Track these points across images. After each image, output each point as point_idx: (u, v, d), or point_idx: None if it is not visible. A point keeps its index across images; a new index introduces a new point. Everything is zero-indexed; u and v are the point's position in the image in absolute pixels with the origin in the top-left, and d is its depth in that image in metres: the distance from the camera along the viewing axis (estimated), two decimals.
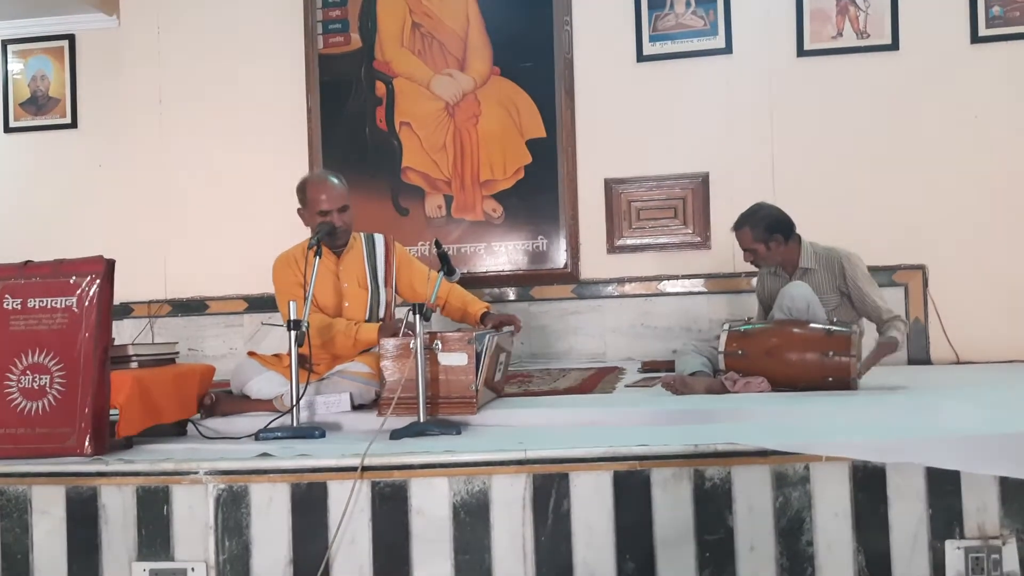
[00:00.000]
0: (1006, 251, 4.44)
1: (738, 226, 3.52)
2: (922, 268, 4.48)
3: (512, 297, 4.84)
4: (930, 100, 4.53)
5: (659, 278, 4.73)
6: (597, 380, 3.58)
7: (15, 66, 5.36)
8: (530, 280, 4.84)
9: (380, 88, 4.97)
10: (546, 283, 4.83)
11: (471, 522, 2.07)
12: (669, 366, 3.64)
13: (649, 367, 4.04)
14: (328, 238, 2.99)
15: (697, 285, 4.70)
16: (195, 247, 5.04)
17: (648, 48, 4.76)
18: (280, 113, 5.00)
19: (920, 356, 4.42)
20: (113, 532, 2.15)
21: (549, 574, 2.06)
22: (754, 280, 3.99)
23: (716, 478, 2.07)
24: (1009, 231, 4.45)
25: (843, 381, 2.94)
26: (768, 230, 3.44)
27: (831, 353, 2.94)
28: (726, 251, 4.59)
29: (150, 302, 5.07)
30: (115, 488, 2.15)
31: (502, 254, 4.89)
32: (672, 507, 2.06)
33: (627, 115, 4.76)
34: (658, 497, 2.06)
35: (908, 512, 2.06)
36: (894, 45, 4.56)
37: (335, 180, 3.07)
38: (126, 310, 5.02)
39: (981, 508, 2.06)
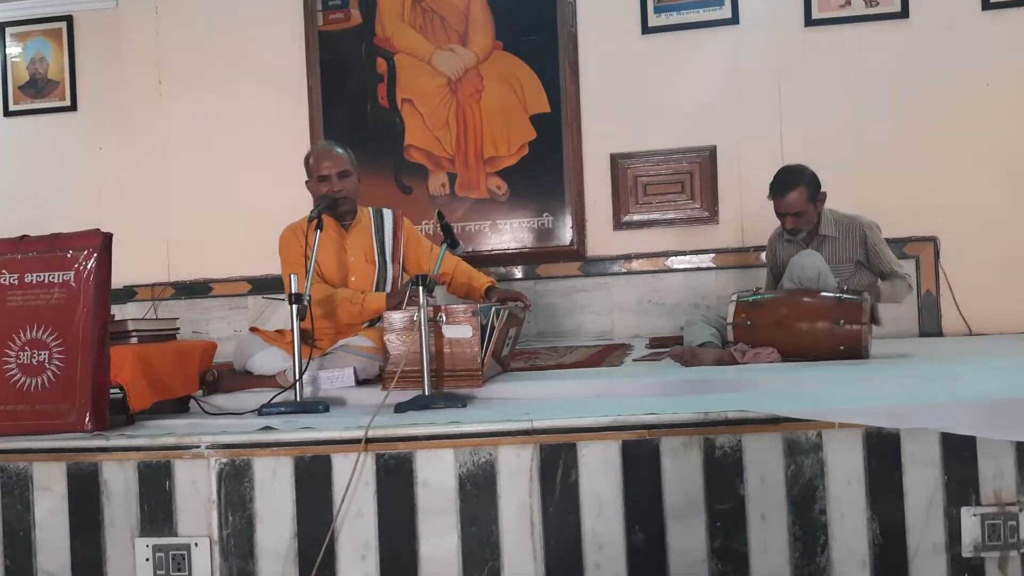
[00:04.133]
0: (1019, 222, 4.37)
1: (790, 186, 3.33)
2: (933, 240, 4.42)
3: (518, 275, 4.80)
4: (941, 68, 4.45)
5: (666, 254, 4.68)
6: (604, 355, 3.54)
7: (13, 49, 5.31)
8: (536, 258, 4.80)
9: (381, 65, 4.91)
10: (552, 261, 4.78)
11: (477, 494, 2.04)
12: (677, 342, 3.57)
13: (657, 343, 3.99)
14: (330, 209, 2.98)
15: (705, 260, 4.64)
16: (197, 229, 5.02)
17: (653, 20, 4.69)
18: (281, 92, 4.96)
19: (932, 328, 4.38)
20: (115, 508, 2.12)
21: (557, 546, 2.03)
22: (763, 254, 3.93)
23: (727, 446, 2.03)
24: (1022, 202, 4.37)
25: (855, 350, 2.89)
26: (817, 188, 3.36)
27: (842, 321, 2.90)
28: (734, 225, 4.54)
29: (153, 285, 5.05)
30: (116, 464, 2.12)
31: (507, 232, 4.84)
32: (682, 476, 2.02)
33: (633, 88, 4.70)
34: (668, 466, 2.03)
35: (923, 479, 2.01)
36: (904, 13, 4.48)
37: (339, 149, 3.09)
38: (130, 293, 5.00)
39: (997, 475, 2.02)
